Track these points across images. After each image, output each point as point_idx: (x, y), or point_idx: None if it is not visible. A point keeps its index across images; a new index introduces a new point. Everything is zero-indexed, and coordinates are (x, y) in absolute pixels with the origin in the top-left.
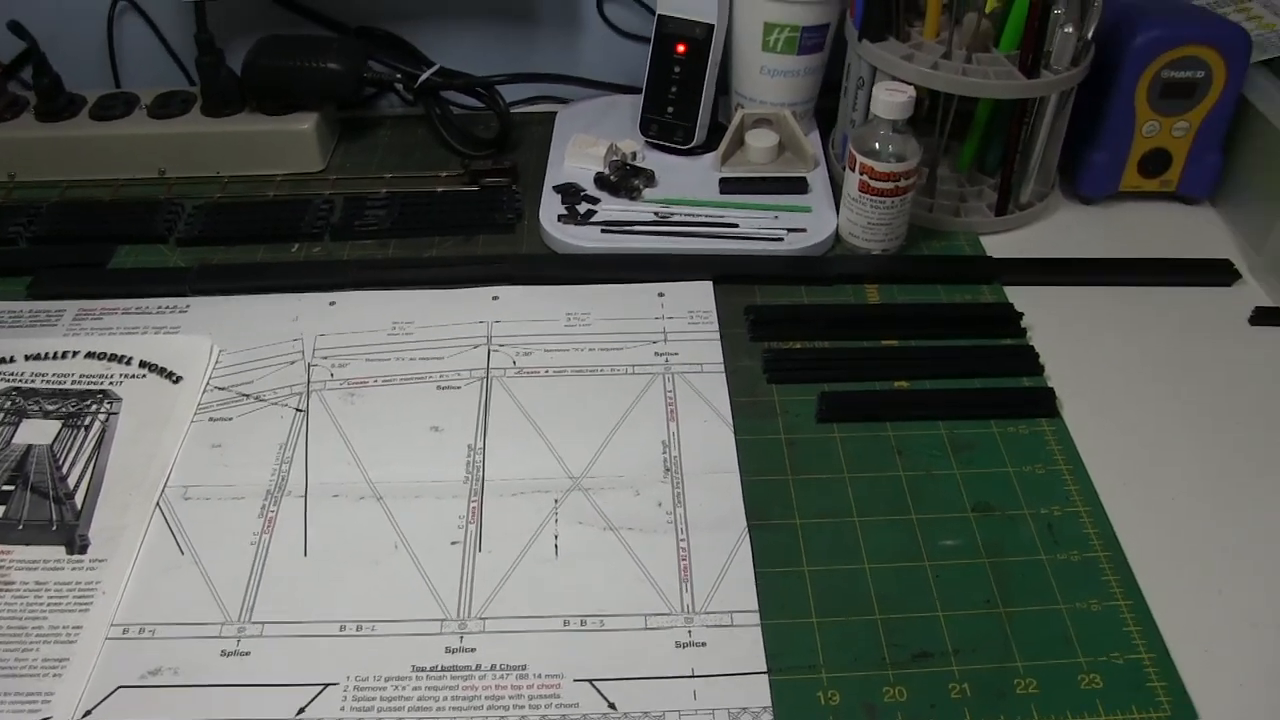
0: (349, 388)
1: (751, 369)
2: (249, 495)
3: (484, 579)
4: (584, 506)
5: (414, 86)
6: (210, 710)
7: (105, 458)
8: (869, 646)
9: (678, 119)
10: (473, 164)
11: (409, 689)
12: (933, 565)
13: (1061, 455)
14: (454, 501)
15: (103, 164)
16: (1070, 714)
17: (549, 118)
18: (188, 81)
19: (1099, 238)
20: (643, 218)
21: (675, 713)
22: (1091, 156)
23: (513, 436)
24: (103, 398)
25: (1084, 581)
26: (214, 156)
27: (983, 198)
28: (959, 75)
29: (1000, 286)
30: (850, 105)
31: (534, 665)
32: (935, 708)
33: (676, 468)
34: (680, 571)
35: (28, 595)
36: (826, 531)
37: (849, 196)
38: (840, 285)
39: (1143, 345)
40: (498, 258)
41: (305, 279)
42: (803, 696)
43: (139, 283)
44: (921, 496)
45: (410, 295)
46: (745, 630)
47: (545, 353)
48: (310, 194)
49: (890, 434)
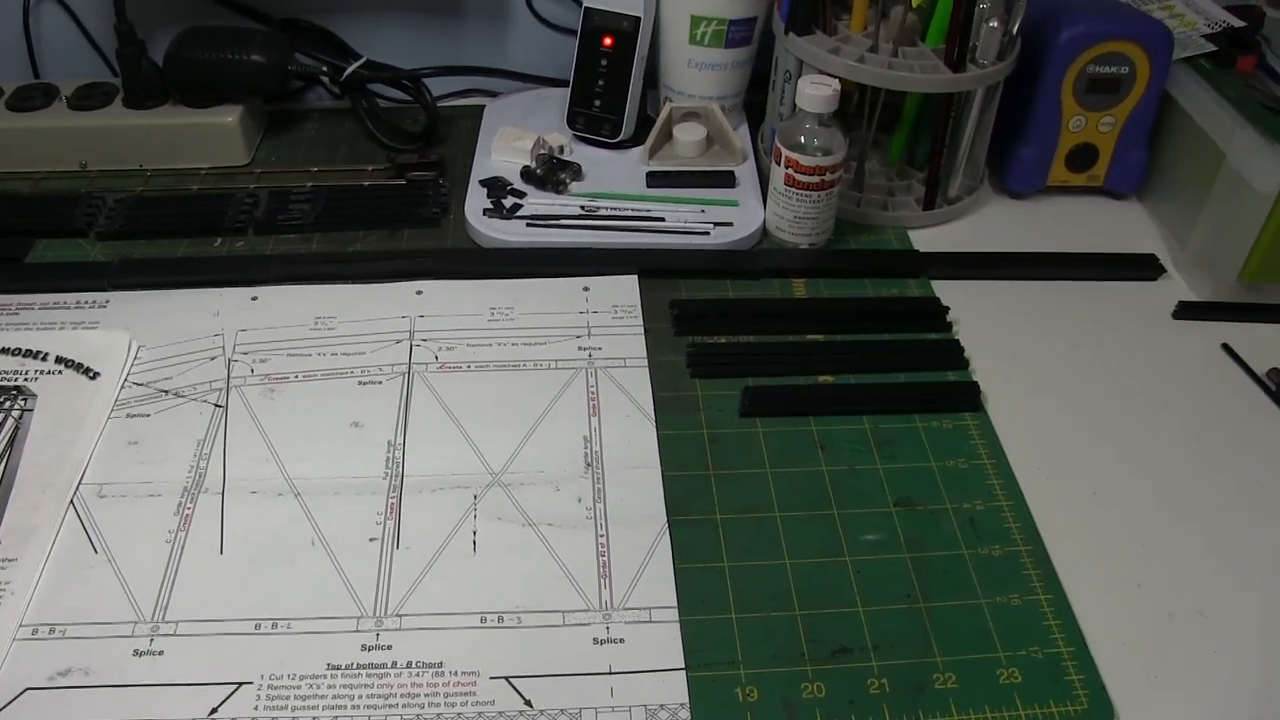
0: (269, 383)
1: (675, 364)
2: (165, 493)
3: (401, 576)
4: (503, 502)
5: (340, 79)
6: (122, 711)
7: (18, 456)
8: (788, 642)
9: (605, 112)
10: (399, 158)
11: (324, 687)
12: (854, 560)
13: (985, 449)
14: (373, 498)
15: (21, 156)
16: (989, 708)
17: (477, 111)
18: (110, 73)
19: (1027, 232)
20: (569, 212)
21: (592, 710)
22: (1019, 151)
23: (433, 432)
24: (17, 394)
25: (1005, 576)
26: (136, 149)
27: (911, 192)
28: (885, 69)
29: (927, 281)
30: (778, 99)
31: (450, 662)
32: (854, 704)
33: (597, 463)
34: (599, 568)
35: None
36: (747, 527)
37: (775, 190)
38: (767, 279)
39: (1068, 339)
40: (422, 252)
41: (228, 274)
42: (721, 693)
43: (57, 277)
44: (843, 491)
45: (333, 290)
46: (663, 626)
47: (468, 348)
48: (234, 188)
49: (813, 429)
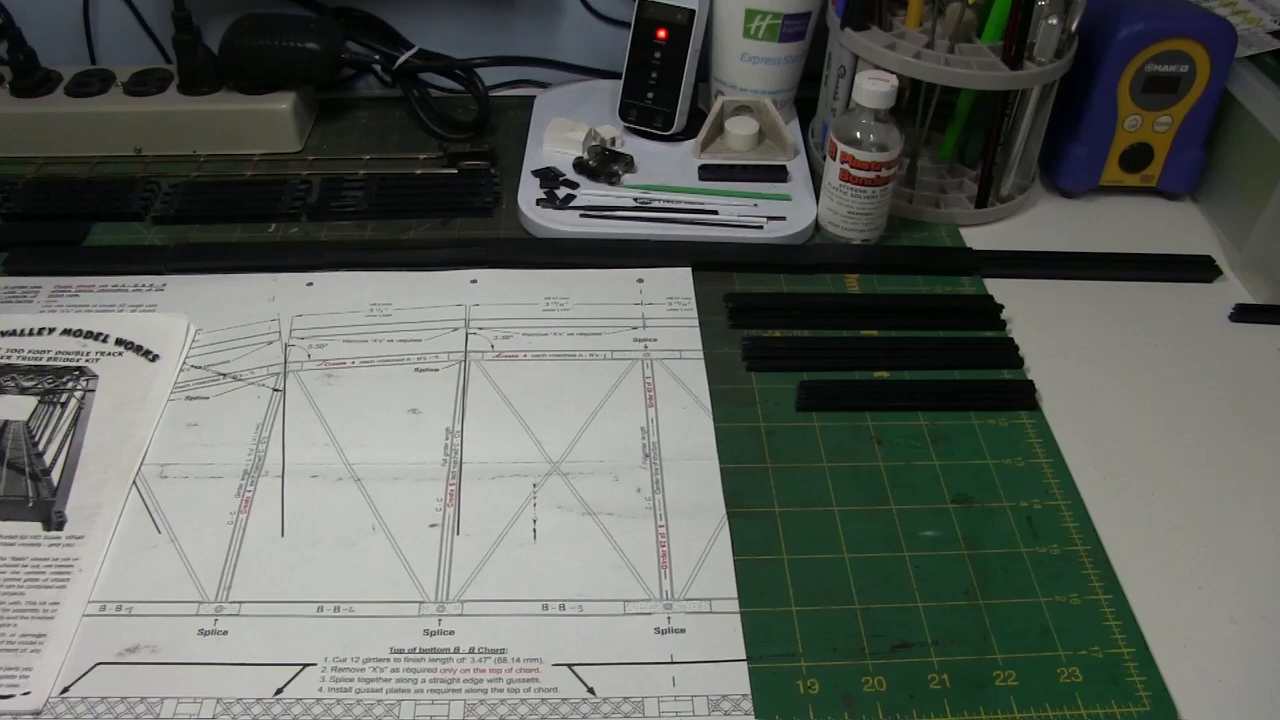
0: (326, 369)
1: (730, 356)
2: (226, 475)
3: (462, 562)
4: (563, 491)
5: (392, 68)
6: (189, 688)
7: (81, 435)
8: (848, 636)
9: (657, 105)
10: (451, 147)
11: (387, 671)
12: (912, 556)
13: (1041, 448)
14: (432, 484)
15: (78, 141)
16: (1049, 707)
17: (526, 102)
18: (164, 60)
19: (1079, 232)
20: (622, 203)
21: (654, 699)
22: (1072, 150)
23: (491, 420)
24: (79, 375)
25: (1064, 575)
26: (190, 135)
27: (963, 189)
28: (942, 65)
29: (980, 279)
30: (831, 94)
31: (513, 649)
32: (914, 698)
33: (655, 454)
34: (659, 558)
35: (5, 571)
36: (805, 520)
37: (829, 185)
38: (820, 274)
39: (1123, 340)
40: (476, 241)
41: (282, 259)
42: (782, 685)
43: (115, 260)
44: (900, 487)
45: (388, 277)
46: (724, 618)
47: (524, 336)
48: (287, 174)
49: (869, 424)
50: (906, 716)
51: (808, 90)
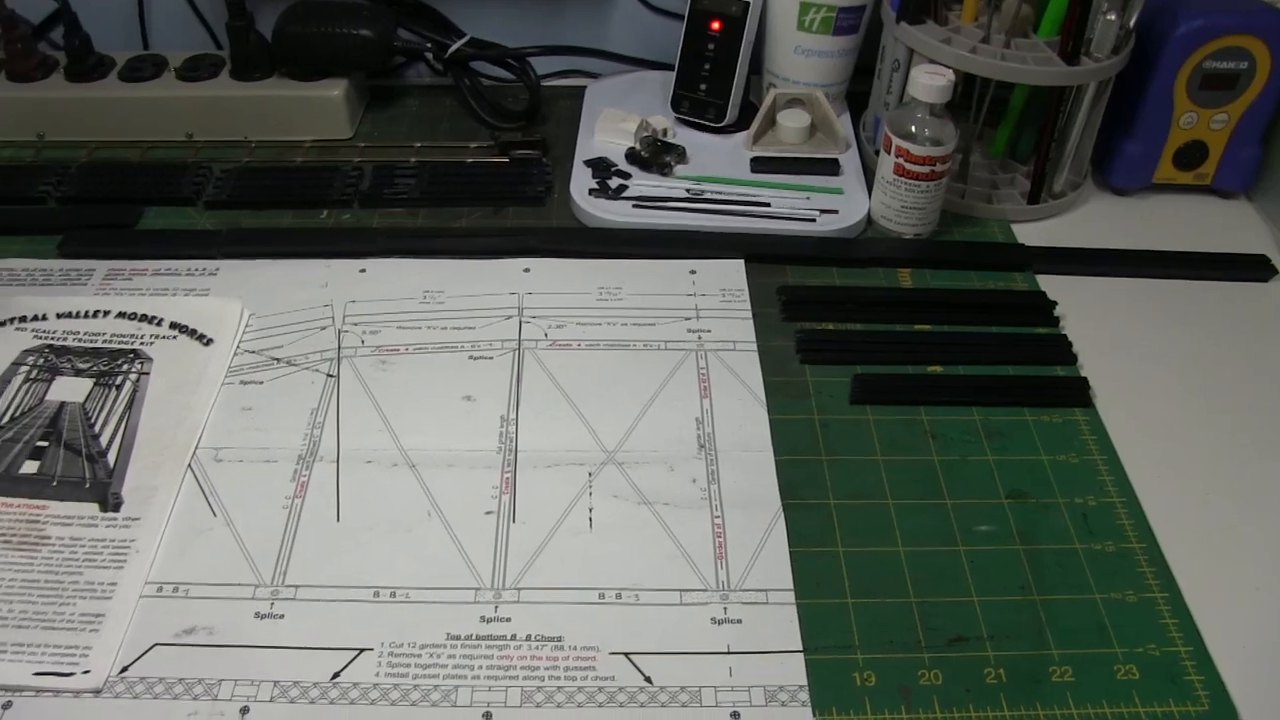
0: (380, 355)
1: (783, 349)
2: (281, 459)
3: (518, 550)
4: (618, 480)
5: (444, 56)
6: (246, 670)
7: (137, 417)
8: (904, 629)
9: (710, 96)
10: (502, 136)
11: (444, 656)
12: (967, 550)
13: (1095, 445)
14: (487, 472)
15: (131, 125)
16: (1106, 703)
17: (575, 92)
18: (215, 45)
19: (1131, 230)
20: (674, 194)
21: (711, 689)
22: (1125, 147)
23: (546, 408)
24: (134, 358)
25: (1119, 572)
26: (242, 121)
27: (1015, 185)
28: (998, 60)
29: (1032, 275)
30: (884, 88)
31: (569, 637)
32: (970, 692)
33: (710, 445)
34: (715, 548)
35: (63, 550)
36: (860, 513)
37: (883, 179)
38: (872, 268)
39: (1178, 339)
40: (529, 230)
41: (335, 245)
42: (839, 677)
43: (168, 244)
44: (955, 481)
45: (441, 264)
46: (780, 609)
47: (577, 325)
48: (339, 161)
49: (923, 418)
50: (963, 710)
51: (859, 84)
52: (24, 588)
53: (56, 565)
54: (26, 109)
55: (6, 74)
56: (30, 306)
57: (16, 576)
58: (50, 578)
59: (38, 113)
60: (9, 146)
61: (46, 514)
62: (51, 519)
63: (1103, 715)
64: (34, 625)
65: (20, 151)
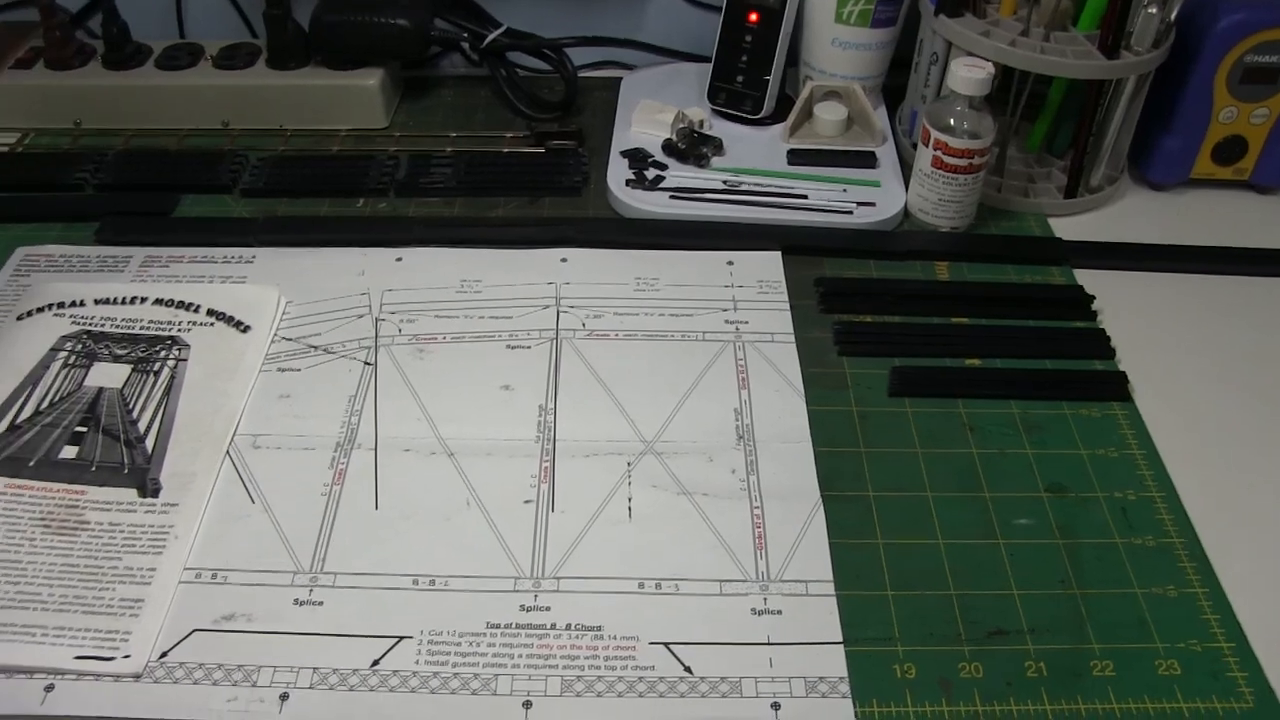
0: (418, 343)
1: (821, 340)
2: (319, 447)
3: (557, 539)
4: (657, 470)
5: (480, 47)
6: (286, 657)
7: (175, 404)
8: (944, 622)
9: (747, 88)
10: (538, 126)
11: (484, 645)
12: (1006, 544)
13: (1134, 440)
14: (526, 461)
15: (168, 113)
16: (1149, 699)
17: (610, 83)
18: (250, 34)
19: (1169, 225)
20: (711, 185)
21: (752, 679)
22: (1163, 141)
23: (584, 398)
24: (171, 344)
25: (1159, 567)
26: (278, 109)
27: (1051, 179)
28: (1037, 54)
29: (1070, 269)
30: (922, 81)
31: (609, 626)
32: (1011, 685)
33: (749, 436)
34: (755, 539)
35: (103, 535)
36: (899, 505)
37: (921, 172)
38: (909, 261)
39: (1216, 334)
40: (565, 220)
41: (372, 234)
42: (879, 669)
43: (205, 232)
44: (994, 475)
45: (477, 254)
46: (820, 600)
47: (615, 316)
48: (374, 150)
49: (961, 411)
50: (1004, 703)
51: (894, 77)
52: (64, 572)
53: (96, 550)
54: (64, 96)
55: (45, 62)
56: (68, 293)
57: (57, 561)
58: (90, 562)
59: (75, 100)
60: (46, 134)
61: (85, 499)
62: (90, 504)
63: (1145, 711)
64: (74, 609)
65: (57, 139)
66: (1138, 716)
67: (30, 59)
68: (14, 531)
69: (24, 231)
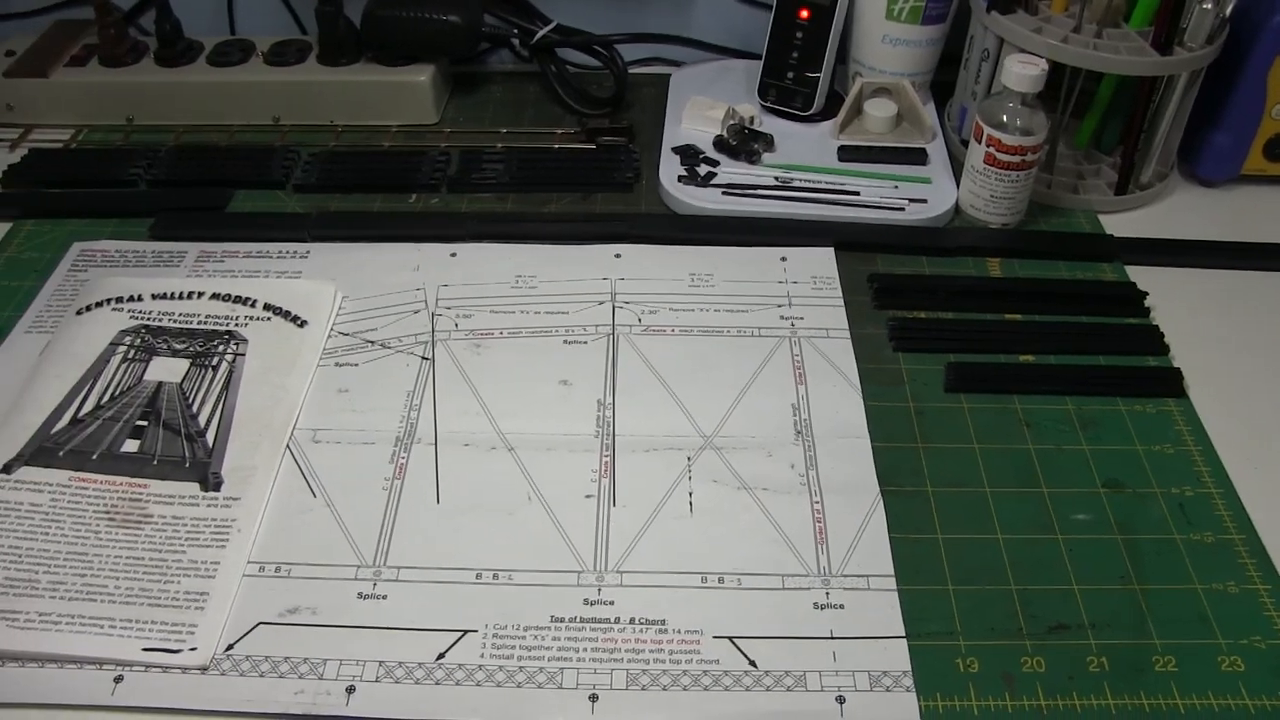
0: (474, 339)
1: (875, 336)
2: (379, 441)
3: (619, 533)
4: (717, 465)
5: (530, 43)
6: (351, 650)
7: (234, 398)
8: (1005, 616)
9: (797, 85)
10: (589, 122)
11: (548, 639)
12: (1065, 539)
13: (1190, 436)
14: (586, 455)
15: (219, 109)
16: (1212, 695)
17: (658, 79)
18: (299, 31)
19: (1220, 221)
20: (763, 182)
21: (816, 673)
22: (1214, 138)
23: (642, 393)
24: (229, 338)
25: (1219, 563)
26: (329, 105)
27: (1100, 176)
28: (1089, 50)
29: (1121, 265)
30: (972, 77)
31: (673, 620)
32: (1074, 680)
33: (807, 431)
34: (816, 533)
35: (166, 529)
36: (958, 500)
37: (973, 169)
38: (961, 257)
39: (1269, 331)
40: (618, 216)
41: (425, 229)
42: (942, 663)
43: (259, 227)
44: (1051, 470)
45: (531, 249)
46: (882, 594)
47: (670, 312)
48: (426, 146)
49: (1017, 407)
50: (1067, 698)
51: (942, 73)
52: (129, 564)
53: (160, 543)
54: (117, 93)
55: (99, 59)
56: (126, 287)
57: (122, 553)
58: (154, 555)
59: (128, 97)
60: (99, 130)
61: (148, 493)
62: (154, 497)
63: (1209, 706)
64: (140, 601)
65: (110, 135)
66: (1202, 713)
67: (84, 56)
68: (80, 524)
69: (79, 226)
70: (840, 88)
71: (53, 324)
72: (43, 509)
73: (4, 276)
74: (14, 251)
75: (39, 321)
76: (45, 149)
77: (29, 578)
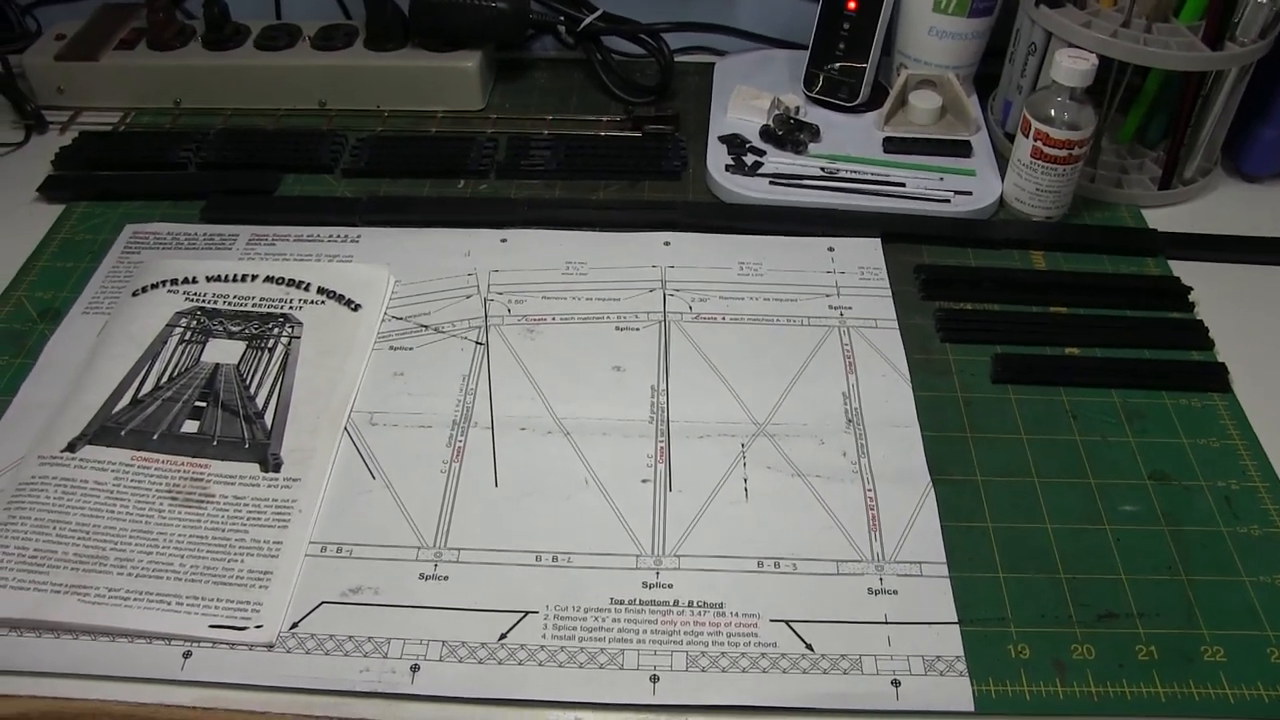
0: (527, 324)
1: (923, 327)
2: (436, 424)
3: (676, 518)
4: (770, 452)
5: (577, 30)
6: (414, 630)
7: (290, 380)
8: (1055, 604)
9: (843, 76)
10: (635, 110)
11: (608, 620)
12: (1113, 529)
13: (1235, 430)
14: (641, 441)
15: (266, 93)
16: (1261, 685)
17: (702, 68)
18: (344, 16)
19: (1264, 217)
20: (809, 172)
21: (871, 657)
22: (1260, 133)
23: (695, 380)
24: (284, 321)
25: (1267, 556)
26: (375, 90)
27: (1144, 170)
28: (1139, 45)
29: (1165, 260)
30: (1018, 71)
31: (730, 603)
32: (1124, 668)
33: (858, 419)
34: (869, 520)
35: (228, 509)
36: (1007, 490)
37: (1019, 162)
38: (1007, 249)
39: None
40: (667, 204)
41: (475, 215)
42: (994, 649)
43: (310, 211)
44: (1098, 461)
45: (580, 236)
46: (934, 581)
47: (720, 300)
48: (472, 132)
49: (1064, 398)
50: (1117, 685)
51: (986, 66)
52: (193, 543)
53: (223, 522)
54: (165, 77)
55: (147, 43)
56: (180, 269)
57: (186, 532)
58: (217, 534)
59: (176, 80)
60: (147, 113)
61: (210, 473)
62: (215, 478)
63: (1259, 697)
64: (205, 580)
65: (158, 118)
66: (1251, 703)
67: (133, 40)
68: (144, 503)
69: (131, 209)
70: (884, 79)
71: (109, 305)
72: (107, 487)
73: (60, 258)
74: (68, 233)
75: (95, 302)
76: (95, 131)
77: (97, 554)
